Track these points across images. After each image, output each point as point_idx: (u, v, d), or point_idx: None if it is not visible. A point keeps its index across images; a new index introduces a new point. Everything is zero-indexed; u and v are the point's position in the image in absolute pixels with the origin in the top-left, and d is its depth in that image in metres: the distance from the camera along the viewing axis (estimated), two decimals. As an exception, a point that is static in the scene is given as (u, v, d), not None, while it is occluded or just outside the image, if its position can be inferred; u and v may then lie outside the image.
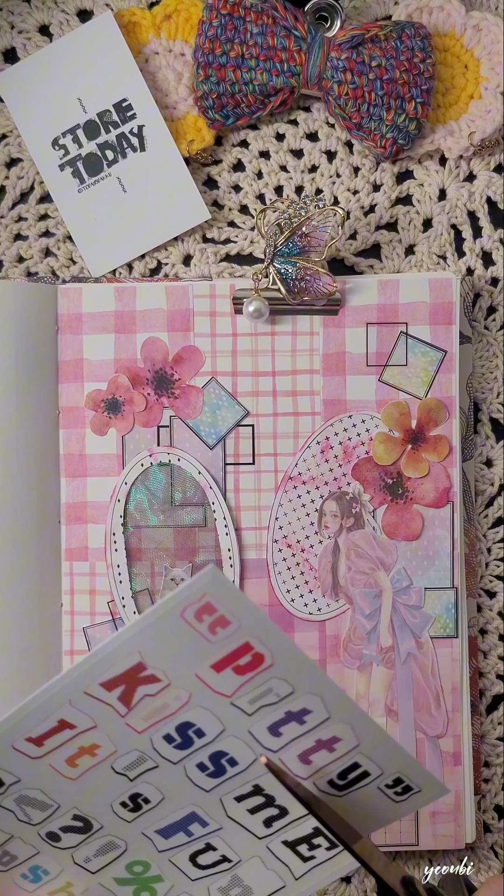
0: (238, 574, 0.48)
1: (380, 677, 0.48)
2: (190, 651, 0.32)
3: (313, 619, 0.48)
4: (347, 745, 0.34)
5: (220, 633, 0.31)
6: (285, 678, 0.32)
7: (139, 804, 0.36)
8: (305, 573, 0.48)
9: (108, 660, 0.31)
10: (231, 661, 0.32)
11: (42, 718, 0.33)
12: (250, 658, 0.32)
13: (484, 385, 0.51)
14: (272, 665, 0.32)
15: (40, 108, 0.49)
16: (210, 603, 0.30)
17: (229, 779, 0.35)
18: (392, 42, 0.47)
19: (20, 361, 0.47)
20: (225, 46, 0.47)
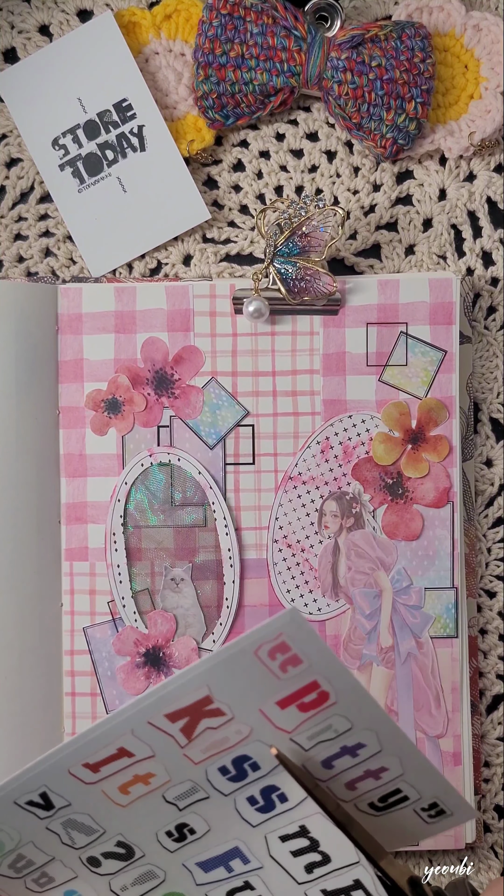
0: (238, 574, 0.48)
1: (380, 677, 0.48)
2: (258, 687, 0.32)
3: (313, 619, 0.48)
4: (393, 773, 0.34)
5: (290, 672, 0.31)
6: (346, 715, 0.32)
7: (184, 834, 0.35)
8: (305, 573, 0.48)
9: (177, 692, 0.31)
10: (297, 698, 0.32)
11: (102, 745, 0.32)
12: (316, 696, 0.32)
13: (484, 385, 0.51)
14: (336, 703, 0.32)
15: (40, 108, 0.49)
16: (285, 642, 0.30)
17: (277, 815, 0.34)
18: (392, 42, 0.47)
19: (20, 361, 0.47)
20: (225, 46, 0.47)
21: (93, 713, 0.48)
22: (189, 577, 0.48)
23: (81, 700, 0.48)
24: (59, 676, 0.48)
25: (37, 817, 0.34)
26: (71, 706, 0.48)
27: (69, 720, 0.48)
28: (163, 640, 0.48)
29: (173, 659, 0.48)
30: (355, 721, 0.33)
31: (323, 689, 0.32)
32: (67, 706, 0.48)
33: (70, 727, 0.48)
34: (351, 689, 0.32)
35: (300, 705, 0.32)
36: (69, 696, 0.48)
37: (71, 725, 0.48)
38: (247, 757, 0.33)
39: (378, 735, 0.33)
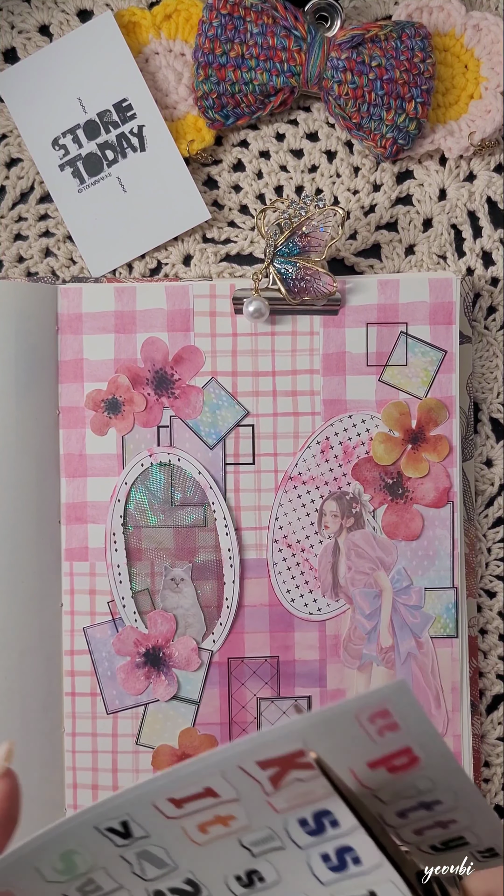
0: (238, 574, 0.48)
1: (380, 677, 0.48)
2: (353, 748, 0.32)
3: (313, 619, 0.48)
4: (462, 826, 0.35)
5: (387, 736, 0.31)
6: (431, 777, 0.33)
7: (253, 881, 0.35)
8: (305, 573, 0.48)
9: (274, 743, 0.31)
10: (388, 761, 0.32)
11: (191, 783, 0.32)
12: (406, 760, 0.32)
13: (484, 385, 0.51)
14: (424, 767, 0.33)
15: (40, 108, 0.49)
16: (388, 710, 0.31)
17: (348, 878, 0.34)
18: (392, 42, 0.47)
19: (20, 361, 0.47)
20: (225, 46, 0.47)
21: (93, 713, 0.48)
22: (189, 577, 0.48)
23: (81, 700, 0.48)
24: (59, 676, 0.48)
25: (114, 844, 0.34)
26: (71, 706, 0.48)
27: (69, 720, 0.48)
28: (163, 640, 0.48)
29: (173, 659, 0.48)
30: (438, 782, 0.33)
31: (415, 753, 0.32)
32: (67, 706, 0.48)
33: (70, 727, 0.48)
34: (441, 756, 0.32)
35: (390, 767, 0.33)
36: (69, 696, 0.48)
37: (71, 725, 0.48)
38: (328, 812, 0.33)
39: (456, 795, 0.34)
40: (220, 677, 0.48)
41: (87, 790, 0.48)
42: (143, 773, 0.48)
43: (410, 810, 0.34)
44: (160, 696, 0.48)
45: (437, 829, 0.35)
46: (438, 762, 0.32)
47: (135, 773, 0.48)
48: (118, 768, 0.48)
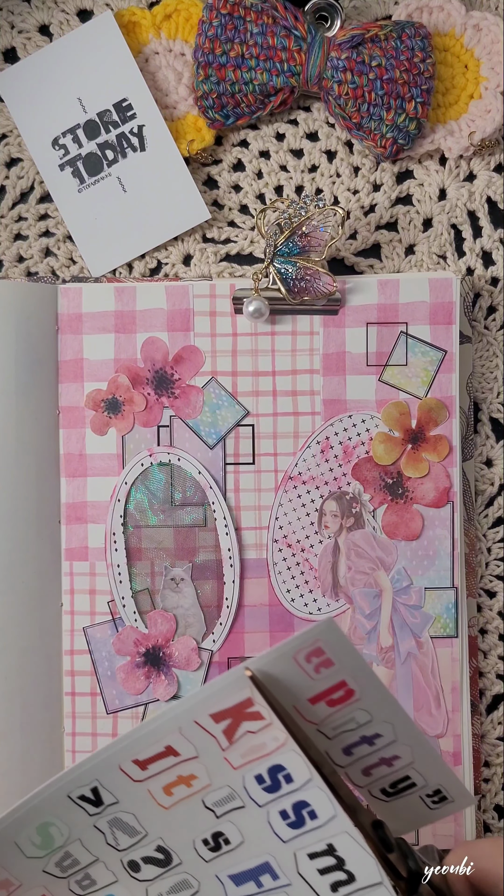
0: (238, 574, 0.48)
1: (380, 677, 0.48)
2: (294, 688, 0.35)
3: (313, 619, 0.48)
4: (405, 762, 0.37)
5: (323, 673, 0.35)
6: (367, 709, 0.36)
7: (219, 844, 0.37)
8: (305, 573, 0.48)
9: (223, 692, 0.33)
10: (326, 695, 0.35)
11: (153, 742, 0.34)
12: (343, 693, 0.35)
13: (484, 385, 0.51)
14: (360, 699, 0.36)
15: (40, 108, 0.49)
16: (321, 647, 0.34)
17: (307, 832, 0.36)
18: (392, 42, 0.47)
19: (20, 361, 0.47)
20: (225, 46, 0.47)
21: (93, 713, 0.48)
22: (189, 577, 0.48)
23: (81, 700, 0.48)
24: (59, 676, 0.48)
25: (87, 813, 0.36)
26: (71, 706, 0.48)
27: (69, 720, 0.48)
28: (163, 640, 0.48)
29: (173, 659, 0.48)
30: (375, 714, 0.36)
31: (350, 687, 0.35)
32: (67, 706, 0.48)
33: (70, 727, 0.48)
34: (374, 687, 0.35)
35: (328, 701, 0.36)
36: (69, 695, 0.48)
37: (71, 725, 0.48)
38: (281, 767, 0.35)
39: (394, 727, 0.36)
40: (220, 677, 0.48)
41: (87, 790, 0.48)
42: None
43: (354, 745, 0.37)
44: (160, 695, 0.48)
45: (383, 766, 0.37)
46: (372, 693, 0.36)
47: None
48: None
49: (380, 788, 0.38)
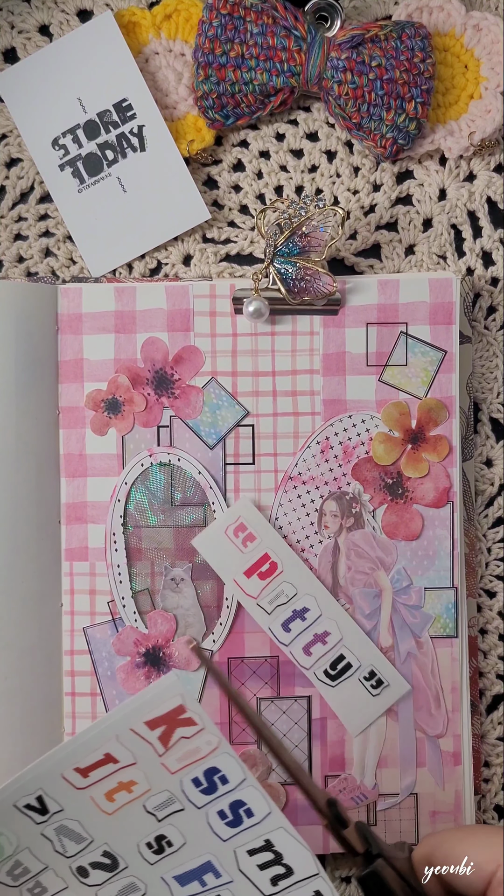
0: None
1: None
2: (231, 562, 0.46)
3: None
4: (335, 637, 0.46)
5: (249, 546, 0.46)
6: (291, 582, 0.46)
7: (162, 847, 0.38)
8: (305, 573, 0.48)
9: (155, 700, 0.35)
10: (256, 568, 0.46)
11: (92, 750, 0.36)
12: (268, 566, 0.46)
13: (484, 385, 0.51)
14: (283, 571, 0.46)
15: (40, 108, 0.49)
16: (243, 524, 0.46)
17: (245, 830, 0.38)
18: (392, 42, 0.47)
19: (20, 361, 0.47)
20: (225, 46, 0.47)
21: (93, 713, 0.48)
22: (189, 577, 0.48)
23: (81, 700, 0.48)
24: (59, 676, 0.48)
25: (33, 822, 0.37)
26: (71, 706, 0.48)
27: (69, 720, 0.48)
28: (163, 640, 0.48)
29: (173, 659, 0.48)
30: (298, 587, 0.46)
31: (272, 560, 0.46)
32: (67, 706, 0.48)
33: (70, 727, 0.48)
34: (290, 560, 0.46)
35: (259, 574, 0.46)
36: (69, 696, 0.48)
37: (71, 725, 0.48)
38: (216, 769, 0.37)
39: (317, 600, 0.46)
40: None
41: (87, 790, 0.48)
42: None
43: (290, 620, 0.46)
44: (160, 695, 0.48)
45: (319, 644, 0.46)
46: (292, 567, 0.46)
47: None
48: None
49: (323, 671, 0.46)
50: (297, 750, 0.48)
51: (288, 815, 0.48)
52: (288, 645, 0.47)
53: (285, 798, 0.48)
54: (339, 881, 0.50)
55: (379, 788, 0.48)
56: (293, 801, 0.48)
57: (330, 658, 0.47)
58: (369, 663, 0.47)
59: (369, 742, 0.48)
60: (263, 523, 0.47)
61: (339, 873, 0.50)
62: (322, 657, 0.47)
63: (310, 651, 0.47)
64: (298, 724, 0.48)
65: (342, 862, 0.50)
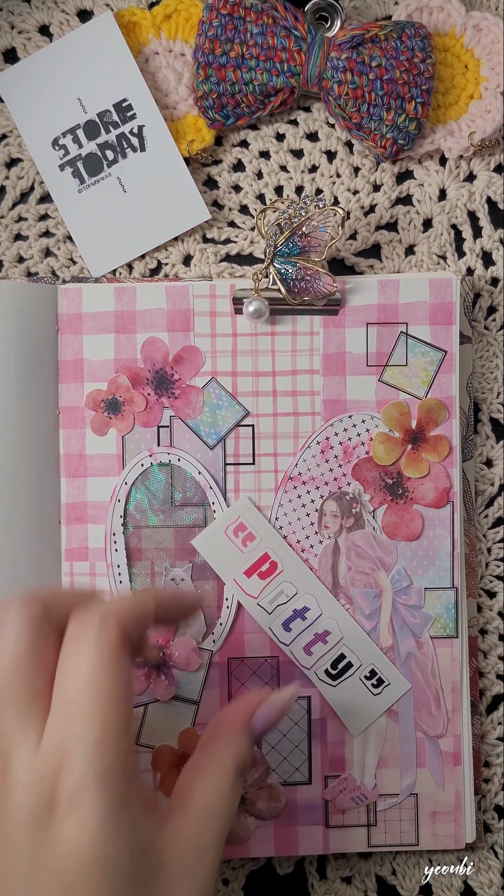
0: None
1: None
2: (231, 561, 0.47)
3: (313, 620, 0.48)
4: (336, 637, 0.47)
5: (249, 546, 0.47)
6: (291, 581, 0.47)
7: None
8: (305, 573, 0.48)
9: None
10: (256, 567, 0.47)
11: None
12: (268, 566, 0.47)
13: (484, 385, 0.51)
14: (283, 571, 0.47)
15: (40, 108, 0.49)
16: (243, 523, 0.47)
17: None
18: (392, 42, 0.47)
19: (20, 361, 0.47)
20: (225, 46, 0.47)
21: (93, 713, 0.48)
22: (189, 577, 0.48)
23: (81, 700, 0.48)
24: (59, 676, 0.48)
25: None
26: (71, 706, 0.48)
27: (69, 720, 0.48)
28: (163, 640, 0.48)
29: (173, 659, 0.48)
30: (299, 586, 0.47)
31: (272, 559, 0.47)
32: (67, 706, 0.48)
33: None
34: (292, 560, 0.47)
35: (259, 573, 0.47)
36: (69, 696, 0.48)
37: (71, 725, 0.48)
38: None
39: (317, 599, 0.47)
40: (220, 677, 0.48)
41: (87, 790, 0.48)
42: (143, 773, 0.48)
43: (290, 620, 0.47)
44: (160, 696, 0.48)
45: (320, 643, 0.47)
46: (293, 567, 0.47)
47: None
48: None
49: (324, 671, 0.47)
50: (298, 750, 0.48)
51: (288, 815, 0.48)
52: (289, 645, 0.47)
53: (285, 798, 0.48)
54: (339, 881, 0.50)
55: (379, 788, 0.48)
56: (293, 800, 0.48)
57: (331, 658, 0.47)
58: (370, 662, 0.47)
59: (369, 742, 0.48)
60: (263, 523, 0.47)
61: (340, 873, 0.50)
62: (323, 657, 0.47)
63: (310, 651, 0.47)
64: (298, 725, 0.48)
65: (342, 862, 0.50)
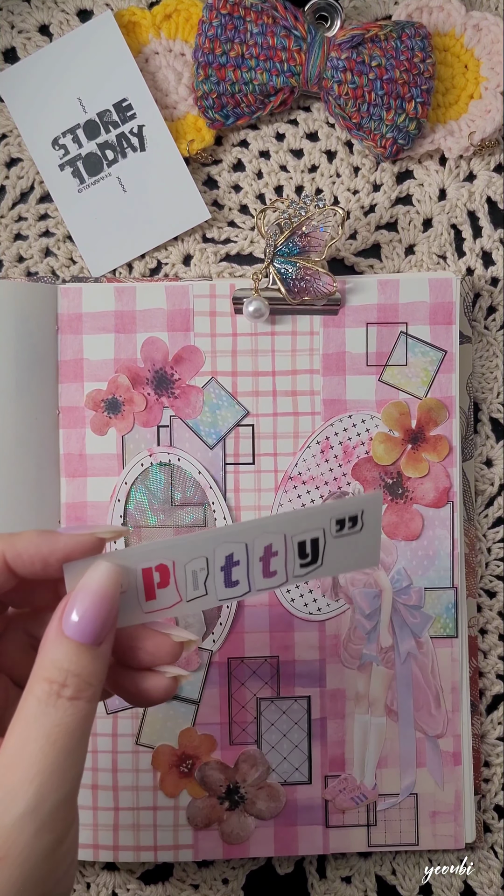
0: (238, 574, 0.48)
1: (380, 677, 0.48)
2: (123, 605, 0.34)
3: (313, 619, 0.48)
4: (279, 542, 0.36)
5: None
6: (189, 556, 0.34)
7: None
8: (305, 573, 0.48)
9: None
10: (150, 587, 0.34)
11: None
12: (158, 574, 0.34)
13: (484, 385, 0.51)
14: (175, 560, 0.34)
15: (40, 108, 0.49)
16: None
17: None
18: (392, 42, 0.47)
19: (20, 361, 0.47)
20: (225, 46, 0.47)
21: (93, 713, 0.48)
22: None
23: (81, 700, 0.48)
24: (59, 676, 0.48)
25: None
26: (71, 706, 0.48)
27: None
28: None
29: (173, 659, 0.48)
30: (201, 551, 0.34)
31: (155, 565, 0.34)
32: (67, 706, 0.48)
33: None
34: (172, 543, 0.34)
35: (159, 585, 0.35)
36: (69, 695, 0.48)
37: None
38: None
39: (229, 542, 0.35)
40: (220, 677, 0.48)
41: (88, 790, 0.48)
42: (143, 772, 0.48)
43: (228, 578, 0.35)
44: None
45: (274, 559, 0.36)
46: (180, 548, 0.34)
47: (135, 772, 0.48)
48: (118, 768, 0.48)
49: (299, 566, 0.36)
50: (297, 750, 0.48)
51: (288, 815, 0.48)
52: (250, 591, 0.36)
53: (285, 798, 0.48)
54: (339, 881, 0.50)
55: (379, 788, 0.48)
56: (293, 800, 0.48)
57: (293, 557, 0.36)
58: (327, 518, 0.36)
59: (369, 742, 0.48)
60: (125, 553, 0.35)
61: (340, 873, 0.50)
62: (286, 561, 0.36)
63: (271, 571, 0.36)
64: (298, 725, 0.48)
65: (342, 862, 0.50)
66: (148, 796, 0.48)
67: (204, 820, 0.48)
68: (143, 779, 0.48)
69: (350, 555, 0.37)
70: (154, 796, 0.48)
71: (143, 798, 0.48)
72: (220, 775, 0.48)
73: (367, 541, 0.37)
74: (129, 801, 0.48)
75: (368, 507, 0.36)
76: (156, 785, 0.48)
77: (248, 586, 0.35)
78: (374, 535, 0.37)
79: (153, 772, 0.48)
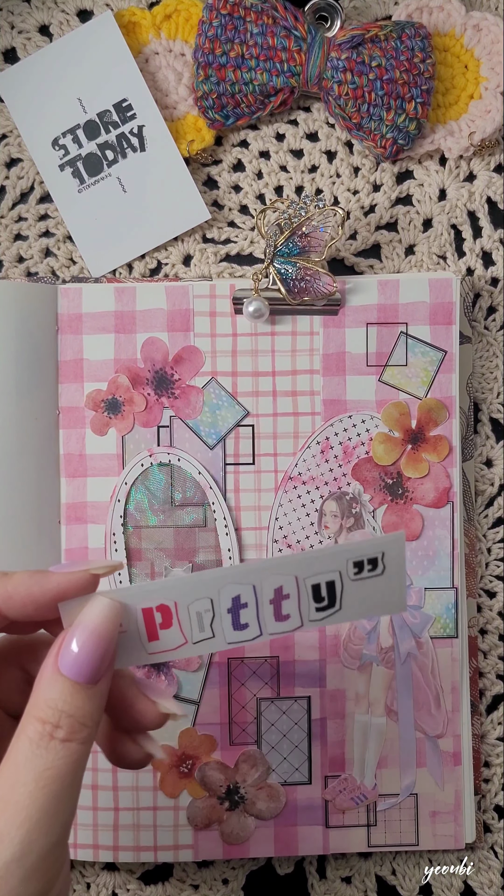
0: (238, 574, 0.48)
1: (380, 677, 0.48)
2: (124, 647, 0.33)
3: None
4: (290, 584, 0.34)
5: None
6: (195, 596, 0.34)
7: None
8: (305, 573, 0.48)
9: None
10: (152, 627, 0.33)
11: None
12: (160, 615, 0.34)
13: (484, 385, 0.51)
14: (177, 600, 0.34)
15: (40, 108, 0.49)
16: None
17: None
18: (392, 42, 0.47)
19: (20, 361, 0.47)
20: (225, 46, 0.47)
21: (93, 713, 0.48)
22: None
23: (81, 700, 0.48)
24: (59, 676, 0.48)
25: None
26: (71, 706, 0.48)
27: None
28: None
29: (174, 660, 0.48)
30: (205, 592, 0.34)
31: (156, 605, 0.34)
32: (67, 706, 0.48)
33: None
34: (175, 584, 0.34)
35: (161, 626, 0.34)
36: (69, 696, 0.48)
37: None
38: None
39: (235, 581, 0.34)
40: (220, 677, 0.48)
41: (88, 790, 0.48)
42: (143, 772, 0.48)
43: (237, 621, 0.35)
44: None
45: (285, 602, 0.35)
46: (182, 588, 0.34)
47: (135, 773, 0.48)
48: (118, 768, 0.48)
49: (315, 610, 0.35)
50: (297, 750, 0.48)
51: (288, 815, 0.48)
52: (262, 635, 0.35)
53: (285, 798, 0.48)
54: (339, 881, 0.50)
55: (379, 788, 0.48)
56: (293, 800, 0.48)
57: (307, 600, 0.34)
58: (344, 559, 0.34)
59: (369, 742, 0.48)
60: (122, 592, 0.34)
61: (340, 873, 0.50)
62: (300, 606, 0.35)
63: (283, 615, 0.35)
64: (298, 725, 0.48)
65: (342, 862, 0.50)
66: (148, 796, 0.48)
67: (204, 820, 0.48)
68: (143, 779, 0.48)
69: (372, 598, 0.35)
70: (154, 796, 0.48)
71: (143, 798, 0.48)
72: (220, 775, 0.48)
73: (390, 584, 0.35)
74: (129, 802, 0.48)
75: (389, 548, 0.35)
76: (156, 785, 0.48)
77: (258, 630, 0.34)
78: (399, 578, 0.35)
79: (153, 772, 0.48)
